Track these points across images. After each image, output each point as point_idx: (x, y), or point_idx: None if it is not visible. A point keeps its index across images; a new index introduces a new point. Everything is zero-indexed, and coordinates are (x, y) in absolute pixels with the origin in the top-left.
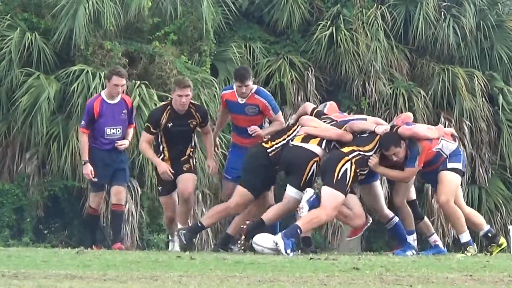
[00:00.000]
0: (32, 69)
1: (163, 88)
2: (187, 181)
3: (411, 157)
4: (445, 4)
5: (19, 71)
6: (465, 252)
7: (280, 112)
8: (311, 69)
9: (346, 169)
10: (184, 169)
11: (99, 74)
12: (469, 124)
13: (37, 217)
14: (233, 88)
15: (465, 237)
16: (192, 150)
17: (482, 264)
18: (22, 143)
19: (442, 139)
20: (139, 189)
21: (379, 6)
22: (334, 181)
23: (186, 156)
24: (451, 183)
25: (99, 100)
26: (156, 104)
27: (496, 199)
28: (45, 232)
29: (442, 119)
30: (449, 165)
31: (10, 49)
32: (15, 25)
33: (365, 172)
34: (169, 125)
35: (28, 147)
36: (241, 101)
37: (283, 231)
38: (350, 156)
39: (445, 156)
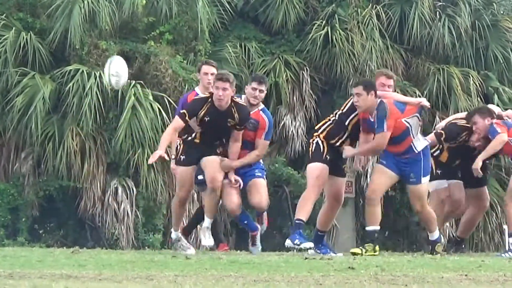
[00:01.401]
0: (27, 68)
1: (158, 88)
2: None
3: (379, 121)
4: (440, 3)
5: (14, 71)
6: (434, 251)
7: (268, 142)
8: (306, 69)
9: (316, 141)
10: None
11: (94, 73)
12: None
13: (32, 217)
14: (241, 99)
15: (434, 236)
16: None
17: (477, 264)
18: (17, 143)
19: (416, 115)
20: (134, 189)
21: (374, 6)
22: (310, 156)
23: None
24: (422, 195)
25: (193, 94)
26: (151, 104)
27: (491, 199)
28: (41, 232)
29: (438, 118)
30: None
31: (5, 49)
32: (10, 24)
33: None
34: (206, 119)
35: (23, 147)
36: None
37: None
38: (319, 131)
39: (412, 138)
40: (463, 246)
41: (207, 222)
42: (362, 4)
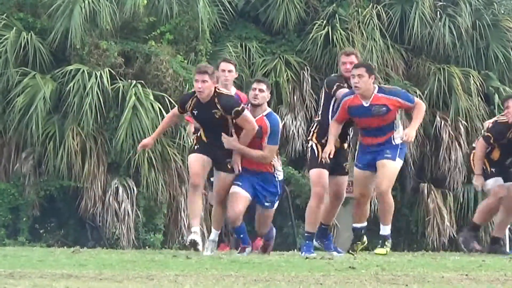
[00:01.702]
0: (28, 68)
1: (159, 88)
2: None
3: (403, 95)
4: (441, 3)
5: (15, 71)
6: (385, 245)
7: (276, 147)
8: (307, 69)
9: (311, 145)
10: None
11: (95, 73)
12: (465, 123)
13: (33, 217)
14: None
15: (387, 230)
16: None
17: (477, 263)
18: (18, 142)
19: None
20: (135, 189)
21: (374, 6)
22: (308, 164)
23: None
24: (393, 173)
25: None
26: (152, 104)
27: None
28: (41, 231)
29: (438, 118)
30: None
31: (6, 49)
32: (11, 24)
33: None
34: (195, 112)
35: (24, 146)
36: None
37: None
38: (310, 135)
39: (394, 130)
40: (501, 244)
41: (213, 234)
42: (362, 4)
